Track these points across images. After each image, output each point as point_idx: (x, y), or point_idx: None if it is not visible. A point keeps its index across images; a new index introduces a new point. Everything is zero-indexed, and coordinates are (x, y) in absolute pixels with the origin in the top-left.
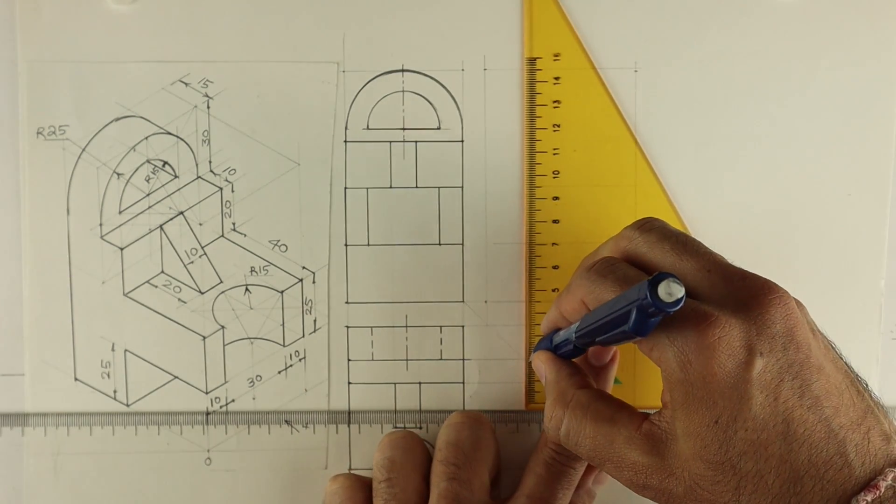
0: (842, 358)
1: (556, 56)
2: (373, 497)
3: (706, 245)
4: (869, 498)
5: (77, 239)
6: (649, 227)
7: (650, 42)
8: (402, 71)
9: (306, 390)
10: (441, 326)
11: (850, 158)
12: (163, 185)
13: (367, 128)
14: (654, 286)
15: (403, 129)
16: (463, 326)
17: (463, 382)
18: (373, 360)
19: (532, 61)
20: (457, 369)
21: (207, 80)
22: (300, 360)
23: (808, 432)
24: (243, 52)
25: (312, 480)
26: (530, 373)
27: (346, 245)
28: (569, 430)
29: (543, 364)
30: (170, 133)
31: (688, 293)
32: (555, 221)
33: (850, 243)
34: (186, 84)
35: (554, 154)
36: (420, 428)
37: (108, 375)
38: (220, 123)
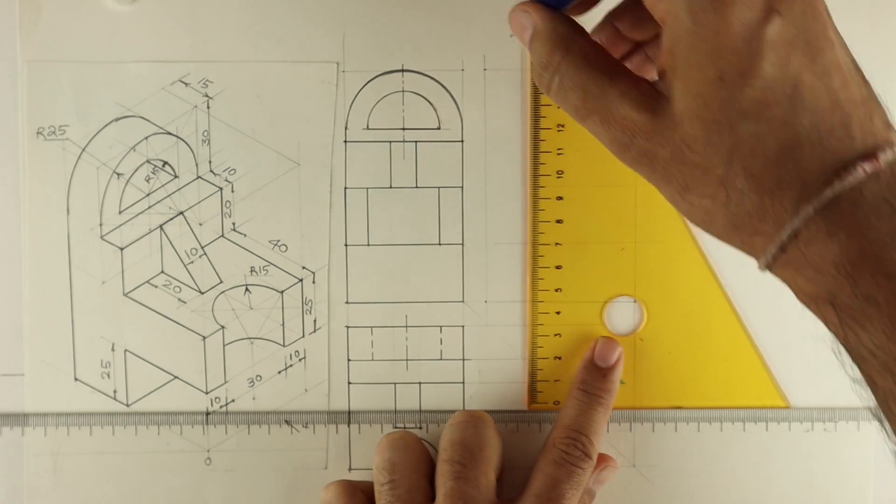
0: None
1: None
2: (376, 500)
3: None
4: (868, 168)
5: (77, 239)
6: None
7: None
8: (402, 71)
9: (306, 390)
10: (441, 326)
11: None
12: (163, 185)
13: (367, 128)
14: None
15: (403, 129)
16: (463, 326)
17: (463, 382)
18: (373, 360)
19: None
20: (457, 369)
21: (207, 80)
22: (300, 360)
23: (815, 99)
24: (243, 52)
25: (312, 480)
26: (532, 372)
27: (346, 245)
28: (563, 77)
29: (533, 12)
30: (170, 133)
31: None
32: (558, 221)
33: None
34: (186, 84)
35: (558, 154)
36: (420, 428)
37: (108, 375)
38: (220, 123)
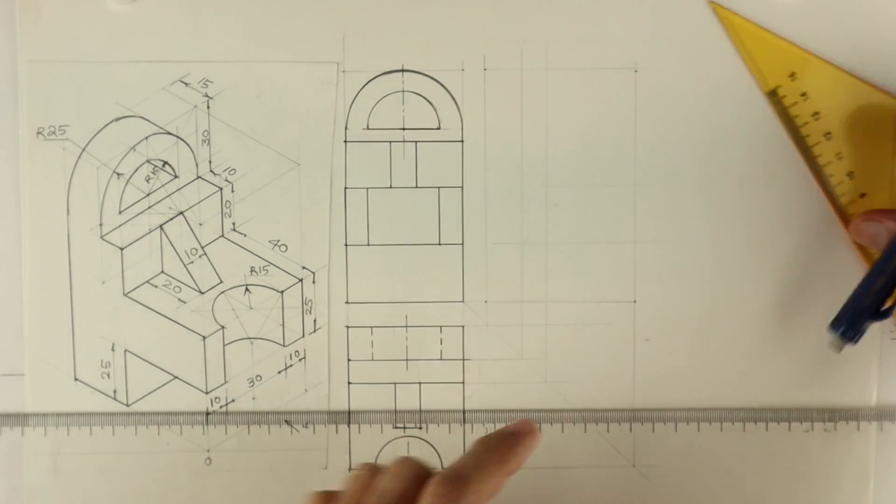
0: None
1: None
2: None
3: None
4: None
5: (77, 239)
6: None
7: (650, 42)
8: (402, 71)
9: (306, 390)
10: (441, 326)
11: None
12: (163, 185)
13: (367, 128)
14: None
15: (403, 129)
16: (463, 326)
17: (463, 382)
18: (373, 360)
19: None
20: (457, 369)
21: (207, 80)
22: (300, 360)
23: None
24: (243, 52)
25: (312, 480)
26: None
27: (346, 245)
28: None
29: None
30: (170, 133)
31: None
32: None
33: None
34: (186, 84)
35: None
36: (420, 428)
37: (108, 375)
38: (220, 123)
